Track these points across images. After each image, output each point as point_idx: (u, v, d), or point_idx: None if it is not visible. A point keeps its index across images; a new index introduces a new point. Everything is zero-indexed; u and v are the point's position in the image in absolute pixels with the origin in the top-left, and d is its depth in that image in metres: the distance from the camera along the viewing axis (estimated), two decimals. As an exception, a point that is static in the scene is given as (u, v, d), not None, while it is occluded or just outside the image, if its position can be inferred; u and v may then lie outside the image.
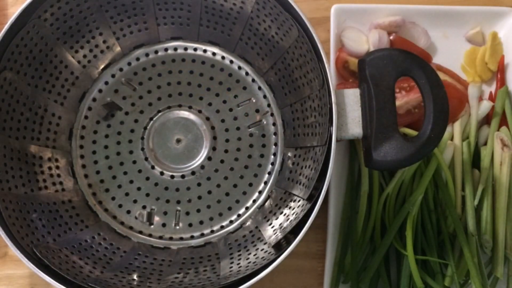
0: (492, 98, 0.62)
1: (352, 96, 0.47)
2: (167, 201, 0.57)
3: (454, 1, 0.66)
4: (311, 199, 0.48)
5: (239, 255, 0.53)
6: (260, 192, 0.58)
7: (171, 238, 0.57)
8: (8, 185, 0.50)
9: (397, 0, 0.64)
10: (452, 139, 0.60)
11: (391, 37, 0.63)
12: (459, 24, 0.64)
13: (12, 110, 0.52)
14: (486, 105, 0.61)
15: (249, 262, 0.50)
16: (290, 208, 0.53)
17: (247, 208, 0.58)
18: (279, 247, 0.49)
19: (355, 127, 0.47)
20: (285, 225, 0.51)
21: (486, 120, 0.62)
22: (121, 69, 0.60)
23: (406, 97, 0.59)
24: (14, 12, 0.49)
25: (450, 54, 0.64)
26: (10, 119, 0.52)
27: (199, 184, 0.57)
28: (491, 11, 0.63)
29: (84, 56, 0.58)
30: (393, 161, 0.46)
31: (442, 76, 0.61)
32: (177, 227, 0.57)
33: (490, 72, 0.63)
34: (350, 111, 0.47)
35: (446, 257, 0.56)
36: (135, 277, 0.52)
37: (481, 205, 0.58)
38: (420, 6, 0.63)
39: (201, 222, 0.57)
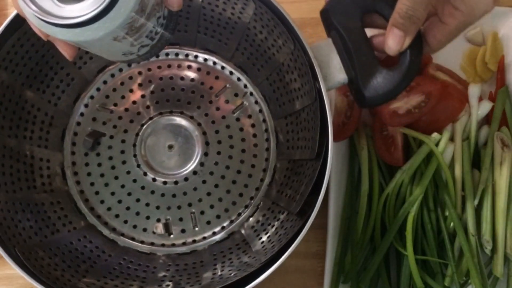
0: (492, 98, 0.61)
1: (326, 46, 0.48)
2: (179, 207, 0.57)
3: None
4: (320, 156, 0.48)
5: (266, 232, 0.53)
6: (265, 170, 0.58)
7: (194, 241, 0.57)
8: (22, 238, 0.49)
9: None
10: (452, 139, 0.59)
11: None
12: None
13: (1, 165, 0.51)
14: (486, 105, 0.60)
15: (280, 235, 0.50)
16: (300, 174, 0.53)
17: (257, 189, 0.58)
18: (302, 212, 0.50)
19: (338, 74, 0.47)
20: (301, 189, 0.51)
21: (486, 120, 0.61)
22: (92, 97, 0.59)
23: (406, 97, 0.58)
24: (14, 12, 0.47)
25: (450, 54, 0.61)
26: (2, 174, 0.51)
27: (204, 182, 0.57)
28: (491, 11, 0.62)
29: (53, 94, 0.57)
30: (385, 93, 0.46)
31: (442, 76, 0.60)
32: (197, 229, 0.57)
33: (490, 72, 0.62)
34: (329, 60, 0.47)
35: (446, 257, 0.56)
36: (172, 285, 0.51)
37: (481, 205, 0.57)
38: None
39: (218, 217, 0.57)
